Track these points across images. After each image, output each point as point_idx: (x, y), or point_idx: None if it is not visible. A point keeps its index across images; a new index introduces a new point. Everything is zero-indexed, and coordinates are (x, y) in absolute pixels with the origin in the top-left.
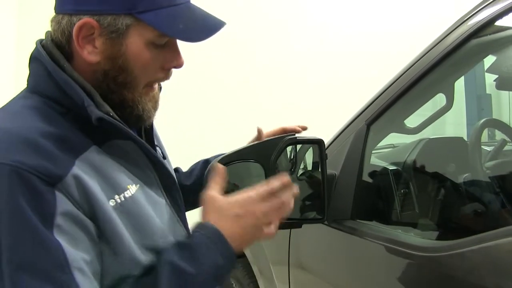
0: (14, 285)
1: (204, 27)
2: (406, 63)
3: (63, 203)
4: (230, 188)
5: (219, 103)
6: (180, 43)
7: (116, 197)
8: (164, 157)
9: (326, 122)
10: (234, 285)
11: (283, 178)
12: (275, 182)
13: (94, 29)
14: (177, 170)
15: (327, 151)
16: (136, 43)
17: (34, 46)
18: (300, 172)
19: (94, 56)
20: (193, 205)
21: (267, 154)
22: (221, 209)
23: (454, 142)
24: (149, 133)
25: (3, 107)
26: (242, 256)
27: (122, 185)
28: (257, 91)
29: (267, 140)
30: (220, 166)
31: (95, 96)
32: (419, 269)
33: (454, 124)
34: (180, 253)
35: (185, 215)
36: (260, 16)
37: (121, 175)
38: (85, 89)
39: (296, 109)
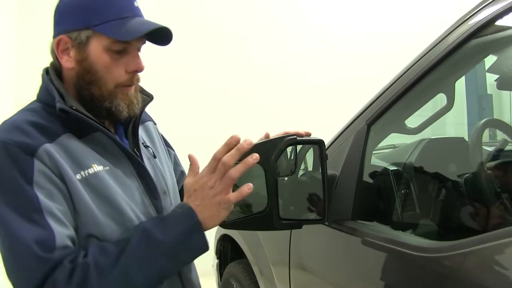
0: (1, 217)
1: (139, 29)
2: (407, 63)
3: (39, 167)
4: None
5: (221, 104)
6: (175, 50)
7: (82, 172)
8: (155, 156)
9: (326, 122)
10: (235, 285)
11: (229, 141)
12: (220, 149)
13: (68, 43)
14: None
15: (327, 152)
16: (96, 49)
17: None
18: (301, 172)
19: (70, 63)
20: None
21: (267, 154)
22: (188, 189)
23: (455, 142)
24: (136, 133)
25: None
26: (243, 257)
27: (87, 163)
28: (258, 92)
29: (267, 141)
30: (193, 155)
31: (66, 96)
32: (420, 269)
33: (455, 124)
34: (153, 222)
35: (161, 203)
36: (261, 17)
37: (88, 157)
38: (60, 92)
39: (296, 109)
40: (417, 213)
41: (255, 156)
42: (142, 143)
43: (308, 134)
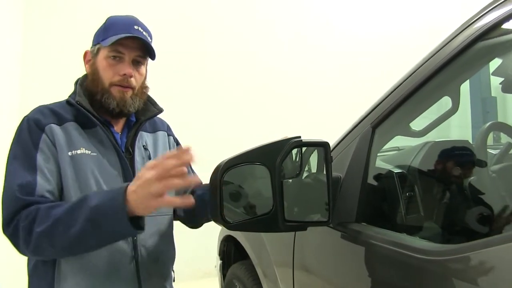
0: (10, 165)
1: (116, 38)
2: (412, 66)
3: (44, 138)
4: (235, 189)
5: (222, 105)
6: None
7: (73, 151)
8: (150, 158)
9: (331, 124)
10: (238, 287)
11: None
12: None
13: (89, 55)
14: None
15: (332, 154)
16: (100, 57)
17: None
18: (305, 174)
19: (88, 69)
20: (204, 215)
21: (273, 156)
22: (138, 178)
23: (459, 145)
24: (136, 134)
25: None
26: (246, 258)
27: (77, 145)
28: (263, 94)
29: (272, 143)
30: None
31: (78, 93)
32: (424, 272)
33: (459, 127)
34: (96, 192)
35: None
36: (264, 18)
37: (81, 142)
38: (75, 91)
39: (301, 111)
40: (422, 216)
41: (189, 155)
42: (143, 145)
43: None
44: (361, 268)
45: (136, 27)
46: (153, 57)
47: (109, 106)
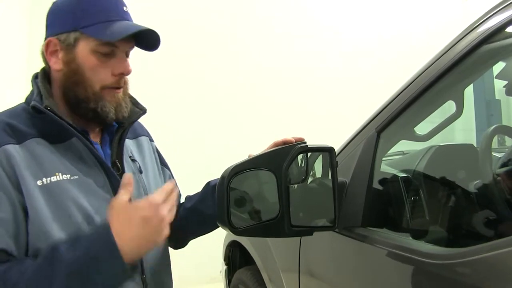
0: None
1: (123, 30)
2: (416, 70)
3: None
4: (242, 195)
5: (226, 109)
6: (173, 55)
7: (44, 179)
8: (141, 171)
9: (335, 129)
10: None
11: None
12: (155, 195)
13: (56, 45)
14: (186, 198)
15: (337, 159)
16: (83, 51)
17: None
18: (310, 179)
19: (57, 65)
20: (194, 232)
21: (279, 162)
22: (126, 211)
23: (464, 149)
24: (121, 143)
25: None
26: (252, 263)
27: (50, 170)
28: (266, 98)
29: (278, 149)
30: (128, 175)
31: (45, 96)
32: (430, 276)
33: (463, 130)
34: (67, 240)
35: None
36: (265, 19)
37: (54, 164)
38: (40, 92)
39: (305, 116)
40: (427, 220)
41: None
42: (130, 156)
43: (301, 139)
44: (368, 272)
45: (124, 8)
46: (156, 48)
47: (107, 116)
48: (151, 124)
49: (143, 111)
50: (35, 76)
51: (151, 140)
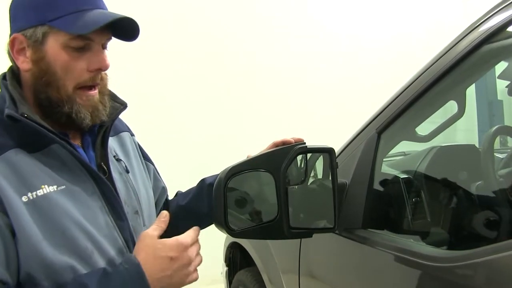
0: None
1: (97, 21)
2: (417, 70)
3: None
4: (241, 195)
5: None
6: (167, 52)
7: (29, 194)
8: (128, 171)
9: (336, 130)
10: None
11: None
12: (185, 236)
13: (23, 42)
14: (176, 194)
15: (337, 160)
16: (53, 47)
17: None
18: (311, 180)
19: (26, 64)
20: (185, 228)
21: (277, 163)
22: (154, 249)
23: (466, 149)
24: (104, 144)
25: None
26: (252, 264)
27: (35, 184)
28: (266, 98)
29: (277, 149)
30: (165, 212)
31: (19, 102)
32: (432, 279)
33: (465, 131)
34: (96, 279)
35: (128, 223)
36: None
37: (38, 176)
38: (12, 98)
39: (305, 117)
40: (428, 222)
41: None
42: (114, 156)
43: (300, 140)
44: (368, 275)
45: None
46: (135, 37)
47: (82, 122)
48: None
49: (123, 105)
50: (3, 77)
51: (132, 134)
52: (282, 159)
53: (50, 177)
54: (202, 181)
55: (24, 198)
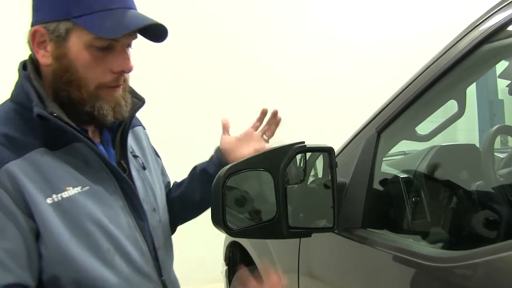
0: None
1: (127, 25)
2: (417, 69)
3: None
4: (240, 195)
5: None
6: (168, 51)
7: (54, 196)
8: (144, 168)
9: (336, 129)
10: None
11: None
12: None
13: (45, 35)
14: (172, 184)
15: (337, 159)
16: (76, 45)
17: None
18: (311, 179)
19: (46, 59)
20: (182, 219)
21: (276, 162)
22: None
23: (466, 149)
24: (125, 141)
25: None
26: (252, 263)
27: (60, 185)
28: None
29: (276, 148)
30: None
31: (46, 100)
32: (431, 279)
33: (466, 130)
34: None
35: (147, 222)
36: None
37: (63, 177)
38: (39, 94)
39: (305, 116)
40: (428, 221)
41: None
42: (131, 152)
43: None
44: (367, 274)
45: None
46: (162, 40)
47: (104, 119)
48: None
49: (142, 101)
50: (23, 66)
51: (144, 128)
52: (281, 158)
53: (74, 178)
54: (194, 168)
55: (49, 200)
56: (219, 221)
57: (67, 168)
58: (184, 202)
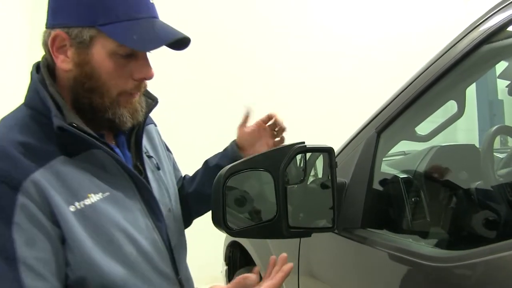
0: None
1: (155, 38)
2: (417, 70)
3: (23, 202)
4: (240, 194)
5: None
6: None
7: (76, 203)
8: (159, 168)
9: (336, 129)
10: None
11: None
12: None
13: (65, 40)
14: (184, 177)
15: (337, 159)
16: (99, 52)
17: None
18: (311, 179)
19: (66, 64)
20: (197, 213)
21: (276, 162)
22: None
23: (466, 149)
24: (138, 143)
25: (1, 119)
26: (252, 263)
27: (82, 193)
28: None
29: (276, 149)
30: (243, 276)
31: (64, 108)
32: (430, 279)
33: (466, 130)
34: None
35: (164, 223)
36: (267, 21)
37: (84, 184)
38: (57, 103)
39: (305, 116)
40: (428, 221)
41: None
42: (145, 153)
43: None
44: (367, 274)
45: (151, 0)
46: (182, 49)
47: (124, 125)
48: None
49: (155, 101)
50: (36, 67)
51: (155, 125)
52: (281, 159)
53: (94, 185)
54: (206, 163)
55: (72, 208)
56: (219, 221)
57: (87, 175)
58: (198, 196)
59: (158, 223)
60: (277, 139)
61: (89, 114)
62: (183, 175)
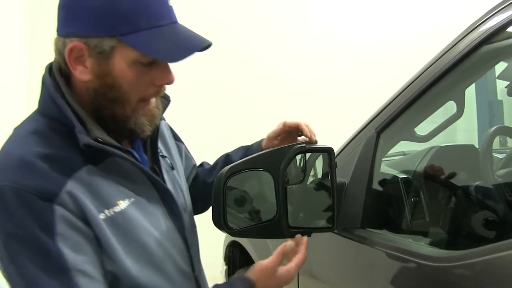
0: (27, 276)
1: (183, 47)
2: (417, 70)
3: (61, 213)
4: (240, 194)
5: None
6: None
7: (106, 211)
8: (173, 167)
9: (336, 129)
10: None
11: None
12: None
13: (83, 51)
14: (202, 165)
15: (336, 159)
16: (121, 62)
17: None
18: (310, 179)
19: (85, 75)
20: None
21: (276, 162)
22: (267, 279)
23: (465, 149)
24: (154, 145)
25: (14, 129)
26: (251, 263)
27: (111, 201)
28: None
29: (276, 149)
30: (283, 246)
31: (87, 123)
32: (430, 279)
33: (465, 131)
34: None
35: (183, 223)
36: (267, 21)
37: (112, 192)
38: (78, 115)
39: (305, 116)
40: (427, 221)
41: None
42: (159, 153)
43: (313, 141)
44: (367, 274)
45: (169, 2)
46: (201, 50)
47: (143, 134)
48: None
49: (168, 100)
50: (48, 69)
51: (164, 119)
52: (281, 159)
53: (120, 192)
54: (227, 156)
55: (102, 216)
56: (219, 221)
57: (112, 182)
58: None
59: (178, 224)
60: None
61: (111, 124)
62: (197, 163)
